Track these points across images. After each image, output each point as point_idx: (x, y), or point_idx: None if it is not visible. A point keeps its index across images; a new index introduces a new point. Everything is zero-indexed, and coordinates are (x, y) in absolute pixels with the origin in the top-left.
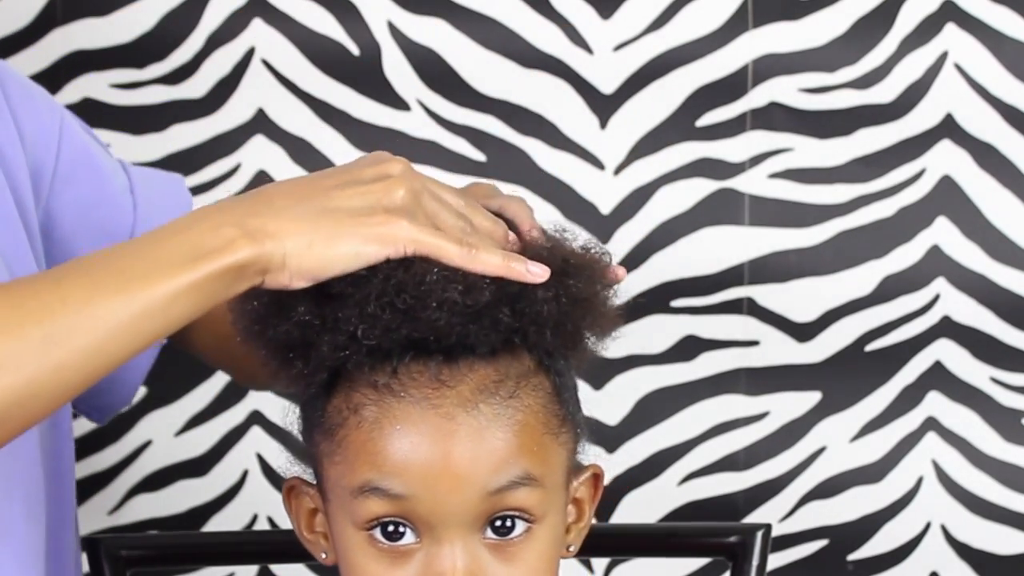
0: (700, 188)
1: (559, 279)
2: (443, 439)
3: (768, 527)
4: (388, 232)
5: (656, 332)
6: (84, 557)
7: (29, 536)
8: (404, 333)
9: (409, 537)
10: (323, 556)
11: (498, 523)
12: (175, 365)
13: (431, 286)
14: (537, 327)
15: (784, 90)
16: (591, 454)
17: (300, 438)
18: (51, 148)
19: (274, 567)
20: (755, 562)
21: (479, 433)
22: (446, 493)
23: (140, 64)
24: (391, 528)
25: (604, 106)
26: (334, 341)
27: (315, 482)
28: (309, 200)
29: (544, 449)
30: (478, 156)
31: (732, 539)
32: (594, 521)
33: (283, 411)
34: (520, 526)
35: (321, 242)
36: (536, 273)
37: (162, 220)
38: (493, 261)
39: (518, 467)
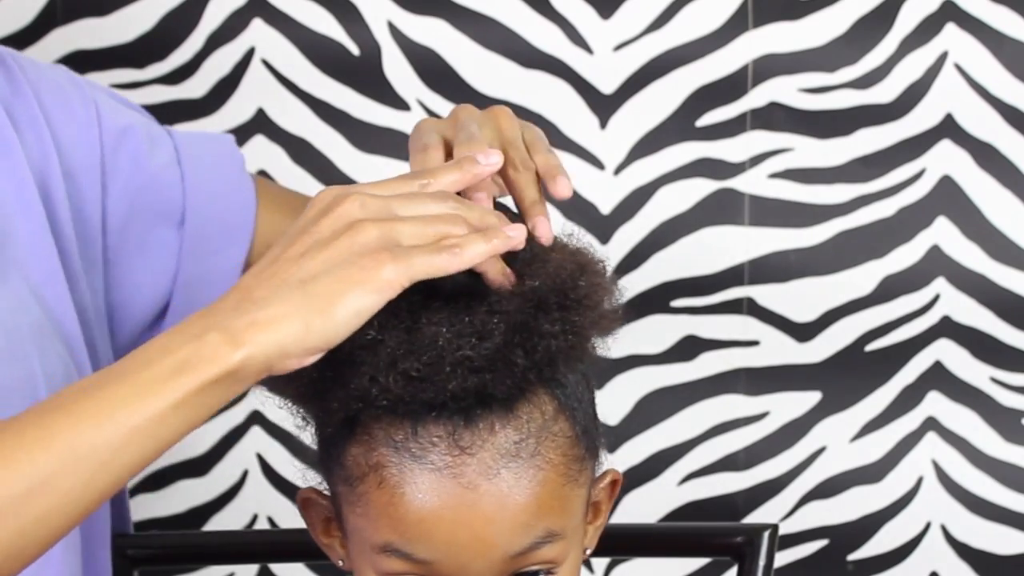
0: (700, 188)
1: (561, 309)
2: (466, 509)
3: (775, 527)
4: (376, 278)
5: (656, 332)
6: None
7: (66, 560)
8: (421, 399)
9: None
10: (340, 563)
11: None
12: None
13: (443, 348)
14: (550, 362)
15: (784, 90)
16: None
17: (313, 446)
18: (94, 147)
19: (274, 567)
20: (762, 562)
21: (501, 500)
22: (469, 559)
23: (140, 64)
24: None
25: (604, 106)
26: (347, 397)
27: (330, 497)
28: (284, 280)
29: (565, 501)
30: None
31: (738, 539)
32: None
33: (284, 412)
34: (541, 575)
35: (317, 316)
36: (516, 236)
37: (214, 185)
38: (479, 250)
39: (540, 528)
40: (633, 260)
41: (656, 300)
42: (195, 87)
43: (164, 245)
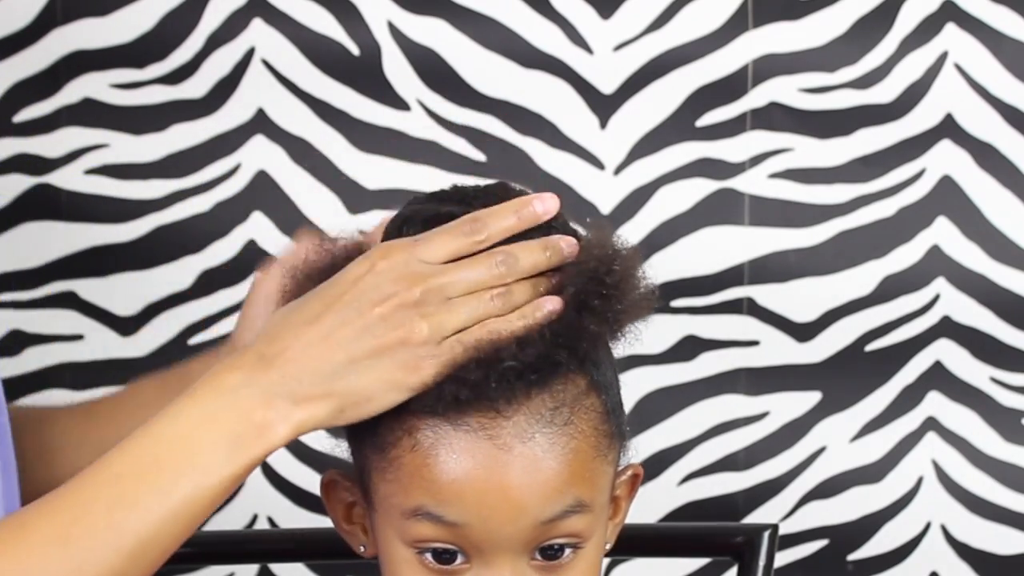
0: (700, 188)
1: (601, 299)
2: (499, 469)
3: (775, 527)
4: (414, 382)
5: (656, 332)
6: None
7: None
8: (459, 390)
9: (459, 559)
10: (361, 549)
11: (547, 548)
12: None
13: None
14: (592, 353)
15: (784, 90)
16: None
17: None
18: None
19: (274, 567)
20: (762, 562)
21: (535, 464)
22: (500, 523)
23: (140, 64)
24: (442, 552)
25: (604, 106)
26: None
27: (354, 476)
28: (328, 359)
29: (594, 473)
30: (478, 156)
31: (738, 539)
32: None
33: None
34: (568, 550)
35: (352, 408)
36: (555, 303)
37: None
38: (528, 312)
39: (570, 495)
40: None
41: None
42: (195, 87)
43: None
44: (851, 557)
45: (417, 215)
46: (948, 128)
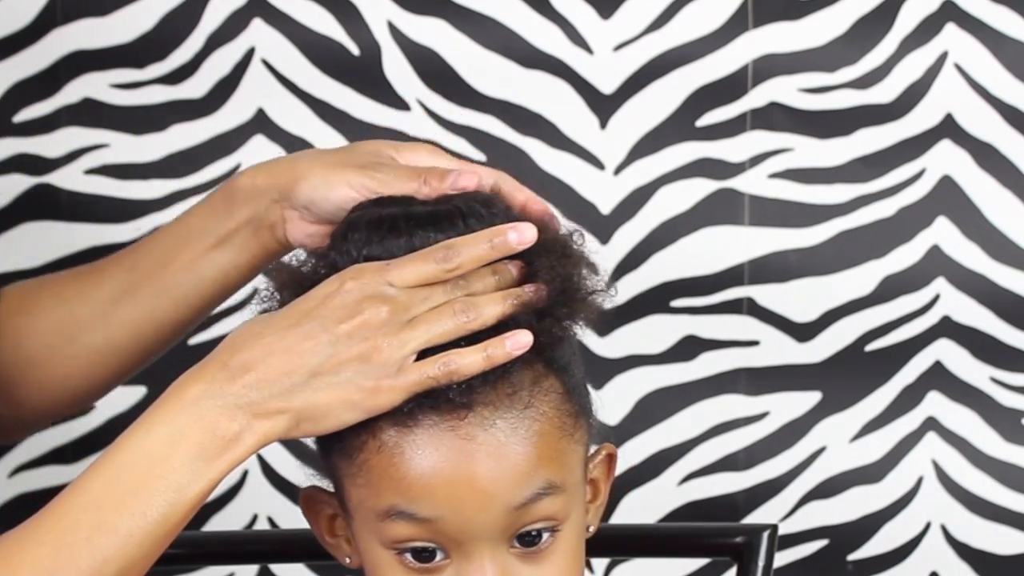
0: (700, 188)
1: (561, 303)
2: (465, 460)
3: (775, 527)
4: (371, 405)
5: (656, 332)
6: None
7: None
8: (423, 395)
9: (438, 556)
10: (347, 561)
11: (525, 535)
12: (174, 366)
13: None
14: (549, 340)
15: (784, 90)
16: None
17: (313, 447)
18: None
19: (274, 567)
20: (761, 563)
21: (499, 450)
22: (473, 512)
23: (140, 64)
24: (421, 550)
25: (604, 106)
26: None
27: (333, 491)
28: (289, 372)
29: (562, 454)
30: (478, 156)
31: (738, 539)
32: None
33: None
34: (546, 534)
35: (308, 422)
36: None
37: None
38: (474, 368)
39: (540, 478)
40: (633, 260)
41: (656, 300)
42: (195, 87)
43: None
44: (851, 557)
45: (360, 220)
46: (948, 128)
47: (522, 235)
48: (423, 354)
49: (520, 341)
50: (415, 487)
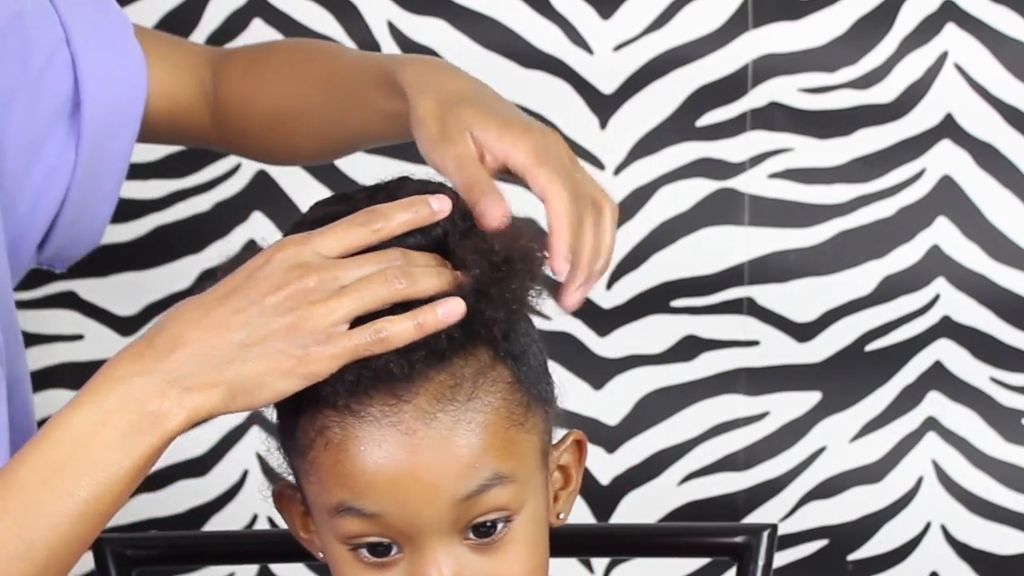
0: (700, 188)
1: (496, 281)
2: (406, 454)
3: (774, 527)
4: (304, 372)
5: (656, 332)
6: (90, 556)
7: None
8: (362, 376)
9: (393, 551)
10: (320, 555)
11: (479, 526)
12: None
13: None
14: (486, 328)
15: (784, 90)
16: (591, 454)
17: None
18: None
19: (274, 567)
20: (761, 562)
21: (441, 443)
22: (417, 506)
23: None
24: (376, 545)
25: (604, 106)
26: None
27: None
28: (218, 345)
29: (511, 443)
30: None
31: (738, 539)
32: (594, 521)
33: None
34: (500, 524)
35: (242, 394)
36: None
37: (105, 62)
38: (406, 335)
39: (486, 469)
40: (633, 260)
41: (656, 300)
42: None
43: (59, 142)
44: (851, 557)
45: (307, 219)
46: (948, 128)
47: (442, 203)
48: (357, 325)
49: (452, 309)
50: (360, 482)
